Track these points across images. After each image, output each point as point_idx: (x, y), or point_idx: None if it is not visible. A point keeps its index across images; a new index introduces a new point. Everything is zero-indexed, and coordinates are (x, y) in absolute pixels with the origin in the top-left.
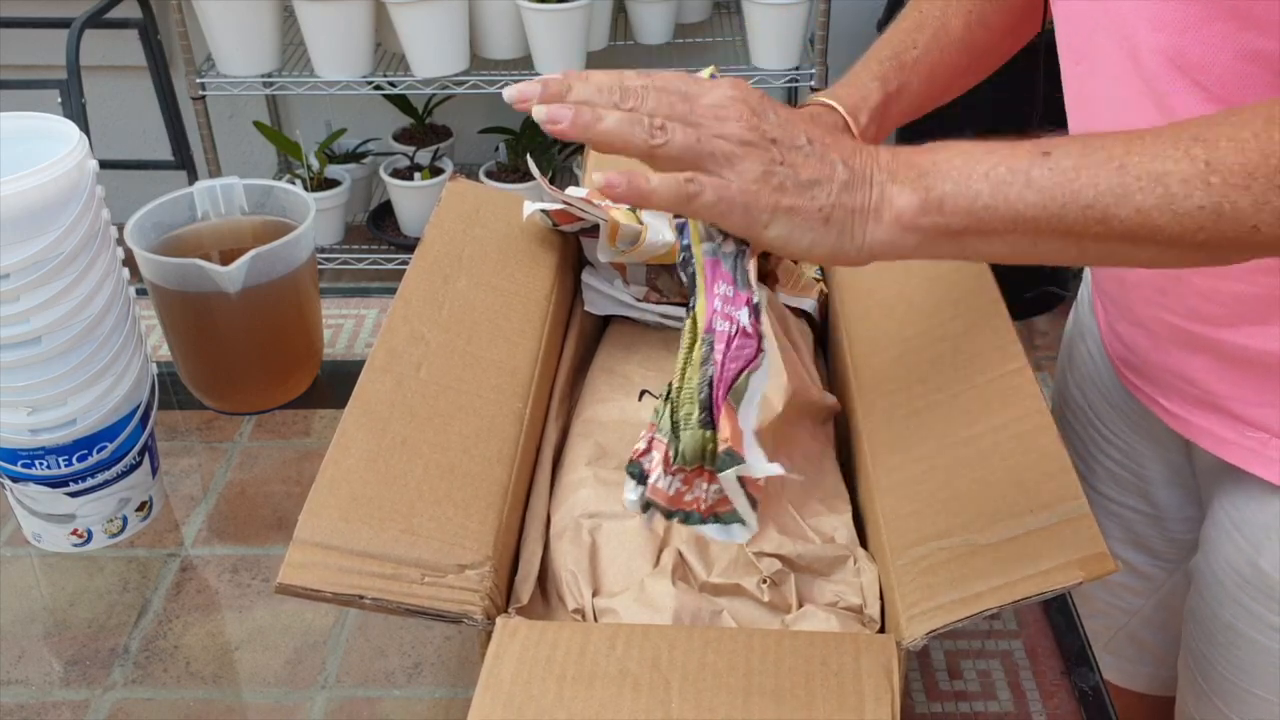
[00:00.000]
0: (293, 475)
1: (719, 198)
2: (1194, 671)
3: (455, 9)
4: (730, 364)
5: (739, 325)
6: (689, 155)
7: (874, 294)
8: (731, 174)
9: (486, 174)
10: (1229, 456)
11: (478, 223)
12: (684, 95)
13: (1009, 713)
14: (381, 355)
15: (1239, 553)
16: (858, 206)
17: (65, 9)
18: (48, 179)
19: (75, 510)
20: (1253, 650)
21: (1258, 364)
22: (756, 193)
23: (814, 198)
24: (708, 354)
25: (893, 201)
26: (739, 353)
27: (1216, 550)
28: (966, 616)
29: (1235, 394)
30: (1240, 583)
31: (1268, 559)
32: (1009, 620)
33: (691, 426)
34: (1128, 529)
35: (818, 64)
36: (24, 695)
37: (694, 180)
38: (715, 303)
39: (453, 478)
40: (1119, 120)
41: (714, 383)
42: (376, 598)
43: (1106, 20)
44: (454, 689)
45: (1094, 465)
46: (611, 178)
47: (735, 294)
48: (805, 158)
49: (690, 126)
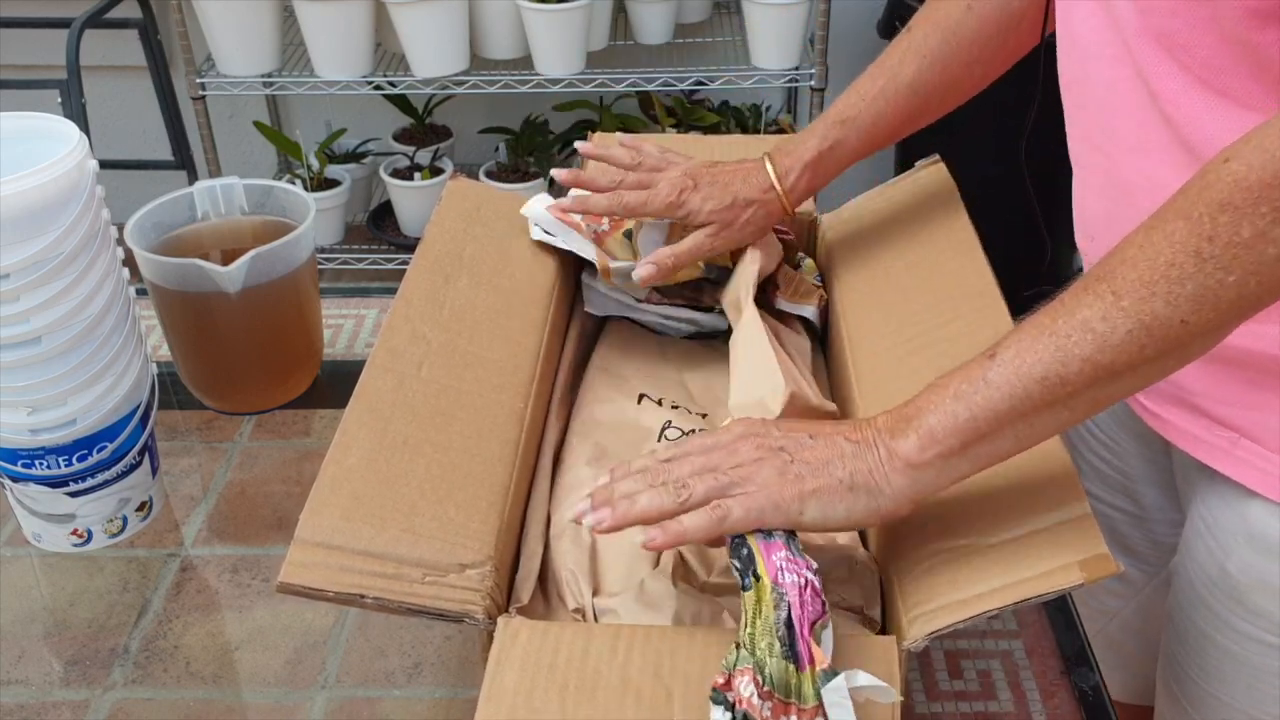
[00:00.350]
0: (293, 475)
1: (746, 509)
2: (1168, 677)
3: (455, 9)
4: (808, 609)
5: (808, 580)
6: (713, 495)
7: (874, 298)
8: (752, 485)
9: (486, 174)
10: (1201, 455)
11: (479, 222)
12: (704, 449)
13: (1009, 713)
14: (383, 354)
15: (1209, 556)
16: (872, 467)
17: (65, 9)
18: (48, 179)
19: (75, 510)
20: (1221, 656)
21: (1226, 360)
22: (779, 489)
23: (832, 473)
24: (779, 599)
25: (897, 451)
26: (812, 604)
27: (1190, 553)
28: (968, 618)
29: (1206, 391)
30: (1210, 586)
31: (1235, 563)
32: (1009, 620)
33: (776, 655)
34: (1111, 529)
35: (818, 64)
36: (24, 695)
37: (719, 505)
38: (775, 564)
39: (454, 477)
40: (1109, 103)
41: (794, 621)
42: (378, 597)
43: (1098, 5)
44: (454, 689)
45: (1081, 463)
46: (652, 534)
47: (793, 559)
48: (812, 449)
49: (709, 472)
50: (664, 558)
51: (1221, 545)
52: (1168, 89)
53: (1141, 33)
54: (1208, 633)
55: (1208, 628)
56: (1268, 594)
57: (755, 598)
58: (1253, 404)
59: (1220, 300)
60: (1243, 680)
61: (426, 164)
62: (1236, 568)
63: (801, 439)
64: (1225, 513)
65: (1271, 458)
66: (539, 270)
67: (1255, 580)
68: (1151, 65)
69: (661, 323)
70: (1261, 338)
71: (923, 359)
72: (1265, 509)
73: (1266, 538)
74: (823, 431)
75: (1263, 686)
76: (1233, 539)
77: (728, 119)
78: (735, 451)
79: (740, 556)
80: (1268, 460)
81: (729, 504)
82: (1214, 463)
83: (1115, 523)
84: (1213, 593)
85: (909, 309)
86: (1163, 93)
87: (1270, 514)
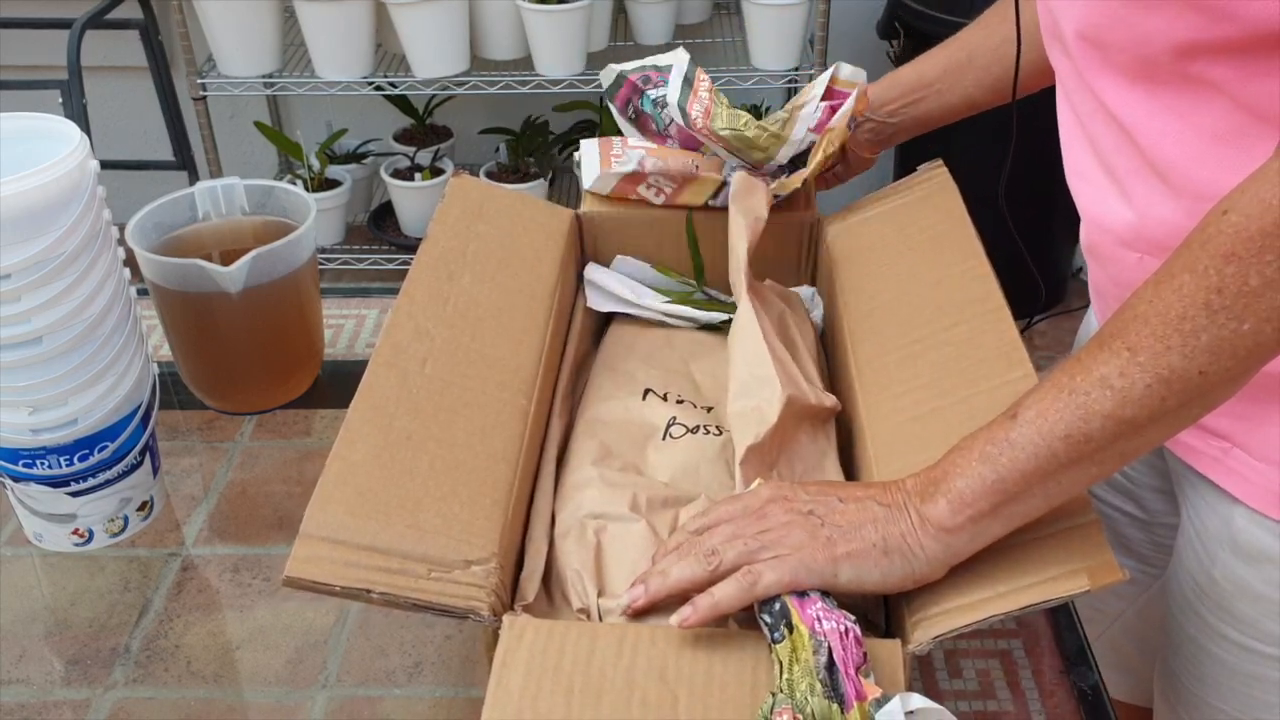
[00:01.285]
0: (293, 475)
1: (780, 572)
2: (1163, 681)
3: (455, 9)
4: (851, 654)
5: (849, 628)
6: (744, 560)
7: (877, 299)
8: (783, 548)
9: (487, 174)
10: (1194, 462)
11: (482, 219)
12: (731, 516)
13: (1008, 712)
14: (387, 351)
15: (1198, 564)
16: (906, 530)
17: (66, 9)
18: (49, 179)
19: (76, 510)
20: (1213, 664)
21: None
22: (811, 552)
23: (864, 537)
24: (818, 645)
25: (929, 516)
26: (855, 651)
27: (1181, 561)
28: (973, 622)
29: None
30: (1199, 594)
31: (1220, 570)
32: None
33: (817, 695)
34: (1114, 532)
35: (817, 64)
36: (25, 695)
37: (750, 571)
38: (811, 615)
39: (458, 473)
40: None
41: (836, 663)
42: (384, 592)
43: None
44: (455, 688)
45: None
46: (685, 612)
47: (829, 611)
48: (843, 512)
49: (738, 539)
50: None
51: (1209, 553)
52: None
53: (1077, 36)
54: (1200, 640)
55: (1199, 635)
56: (1251, 601)
57: (790, 647)
58: (1244, 414)
59: (1237, 349)
60: (1236, 687)
61: (427, 164)
62: (1222, 575)
63: (832, 502)
64: (1213, 520)
65: (1259, 467)
66: (543, 267)
67: (1240, 588)
68: (1084, 63)
69: (663, 319)
70: None
71: (926, 362)
72: (1248, 517)
73: (1249, 546)
74: (853, 496)
75: (1256, 694)
76: (1219, 547)
77: None
78: (764, 516)
79: (771, 612)
80: (1255, 470)
81: (759, 569)
82: (1205, 470)
83: (1119, 525)
84: (1202, 600)
85: (912, 312)
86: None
87: (1252, 522)
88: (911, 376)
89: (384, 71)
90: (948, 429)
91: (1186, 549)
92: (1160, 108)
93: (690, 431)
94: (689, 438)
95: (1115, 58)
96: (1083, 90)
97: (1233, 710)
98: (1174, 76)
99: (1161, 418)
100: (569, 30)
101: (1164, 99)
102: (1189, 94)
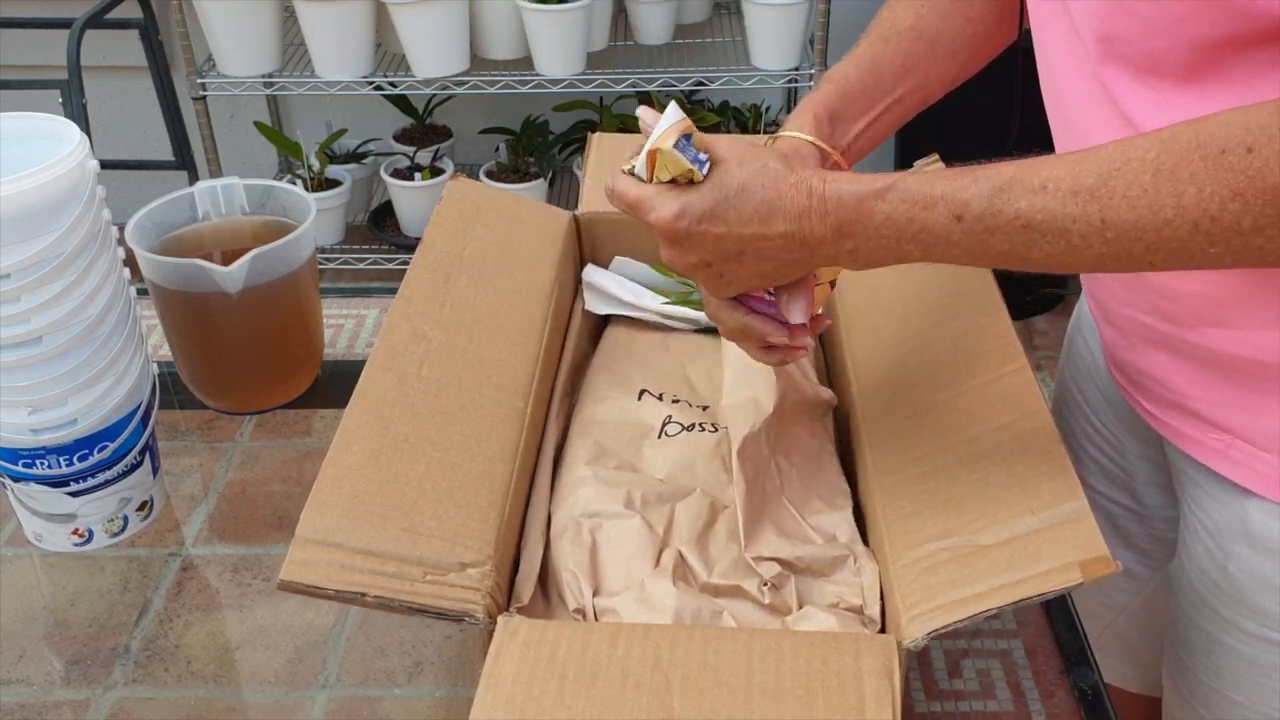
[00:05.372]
0: (293, 475)
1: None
2: (1175, 676)
3: (455, 9)
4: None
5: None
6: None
7: (874, 295)
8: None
9: (487, 174)
10: (1198, 455)
11: (479, 221)
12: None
13: (1008, 712)
14: (383, 353)
15: (1209, 558)
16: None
17: (66, 9)
18: (49, 179)
19: (76, 510)
20: (1229, 656)
21: (1219, 365)
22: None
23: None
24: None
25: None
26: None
27: (1189, 554)
28: (967, 617)
29: (1200, 394)
30: (1212, 588)
31: (1235, 564)
32: (1009, 620)
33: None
34: (1114, 524)
35: (817, 64)
36: (25, 694)
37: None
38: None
39: (454, 476)
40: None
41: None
42: (379, 595)
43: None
44: (454, 688)
45: (1084, 458)
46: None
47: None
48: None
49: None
50: (664, 558)
51: (1221, 547)
52: (1114, 78)
53: (1089, 29)
54: (1214, 634)
55: (1214, 629)
56: (1270, 593)
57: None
58: (1245, 406)
59: (1189, 262)
60: (1255, 679)
61: (427, 164)
62: (1237, 569)
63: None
64: (1223, 515)
65: (1266, 458)
66: (540, 269)
67: (1257, 580)
68: (1097, 56)
69: (660, 321)
70: (1253, 346)
71: (923, 359)
72: (1263, 509)
73: (1266, 538)
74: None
75: (1275, 684)
76: (1232, 540)
77: (728, 119)
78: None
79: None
80: (1263, 461)
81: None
82: (1210, 463)
83: (1118, 518)
84: (1216, 595)
85: (909, 309)
86: (1110, 82)
87: (1268, 514)
88: (907, 373)
89: (384, 71)
90: (943, 424)
91: (1194, 545)
92: (1171, 106)
93: (686, 429)
94: (684, 435)
95: (1127, 52)
96: (1089, 81)
97: (1250, 702)
98: (1187, 73)
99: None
100: (569, 30)
101: (1174, 97)
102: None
